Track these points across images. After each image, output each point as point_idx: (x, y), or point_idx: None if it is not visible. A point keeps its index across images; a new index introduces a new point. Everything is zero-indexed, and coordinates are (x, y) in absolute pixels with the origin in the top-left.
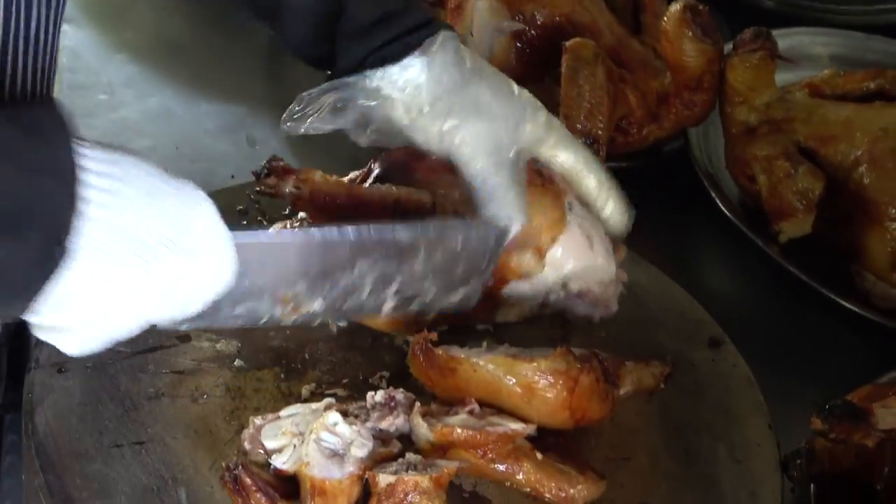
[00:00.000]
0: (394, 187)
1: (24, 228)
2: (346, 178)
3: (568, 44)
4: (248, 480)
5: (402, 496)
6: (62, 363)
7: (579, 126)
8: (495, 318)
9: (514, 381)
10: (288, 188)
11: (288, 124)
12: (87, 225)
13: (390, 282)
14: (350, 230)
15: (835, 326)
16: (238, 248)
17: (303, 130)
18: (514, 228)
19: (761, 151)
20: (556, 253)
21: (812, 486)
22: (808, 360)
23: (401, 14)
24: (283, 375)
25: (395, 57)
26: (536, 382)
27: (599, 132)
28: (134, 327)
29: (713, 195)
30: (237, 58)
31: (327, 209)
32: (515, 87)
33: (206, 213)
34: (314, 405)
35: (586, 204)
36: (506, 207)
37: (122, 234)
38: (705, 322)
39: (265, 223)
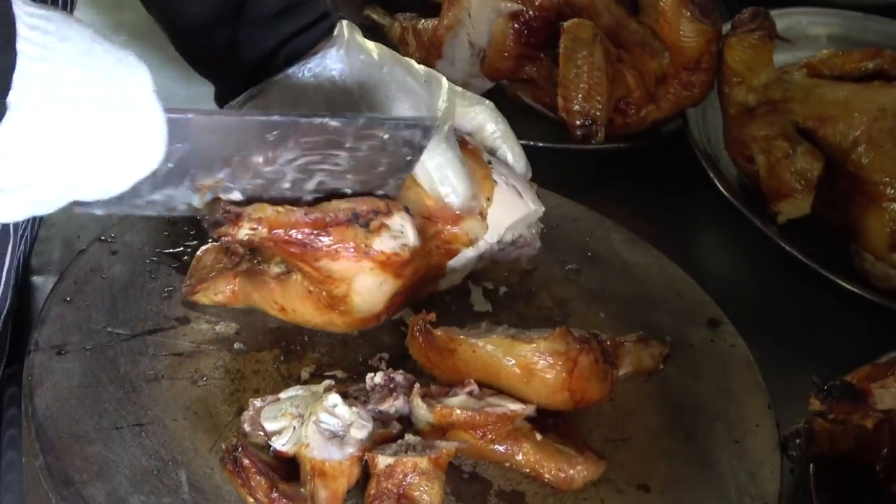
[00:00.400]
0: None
1: None
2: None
3: (566, 24)
4: (247, 462)
5: (401, 477)
6: (62, 346)
7: (577, 107)
8: (440, 287)
9: (513, 361)
10: (243, 233)
11: None
12: (22, 80)
13: (313, 174)
14: (283, 114)
15: (833, 307)
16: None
17: None
18: (465, 200)
19: (760, 132)
20: (493, 211)
21: (811, 466)
22: (806, 341)
23: (306, 3)
24: (282, 357)
25: (305, 48)
26: (535, 363)
27: (598, 113)
28: (59, 198)
29: (711, 176)
30: None
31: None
32: (415, 63)
33: (141, 79)
34: (314, 387)
35: (493, 154)
36: (455, 181)
37: (58, 91)
38: (704, 302)
39: None
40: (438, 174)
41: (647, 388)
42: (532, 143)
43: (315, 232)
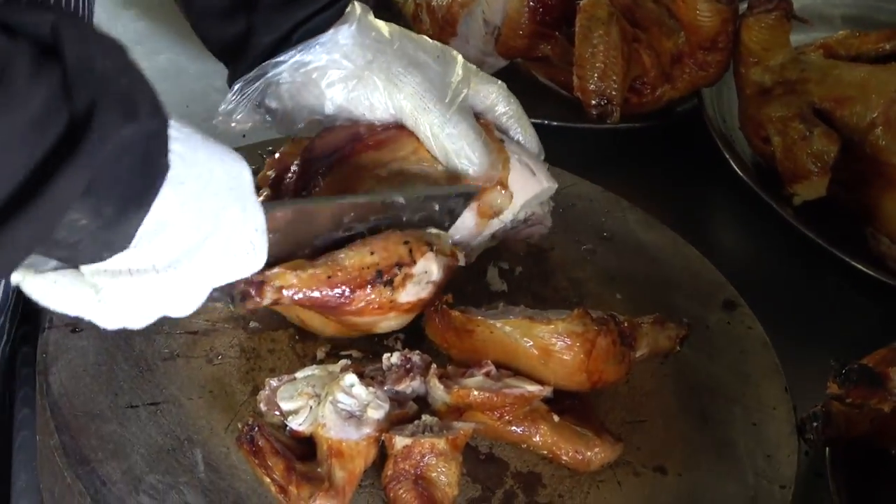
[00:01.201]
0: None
1: (138, 117)
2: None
3: (582, 3)
4: (263, 442)
5: (418, 458)
6: (76, 323)
7: (592, 86)
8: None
9: (531, 343)
10: (267, 301)
11: (219, 119)
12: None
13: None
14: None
15: (849, 289)
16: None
17: (233, 125)
18: (483, 171)
19: (776, 113)
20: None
21: (827, 449)
22: (821, 324)
23: None
24: (297, 337)
25: (319, 30)
26: (553, 344)
27: (613, 92)
28: (195, 287)
29: (727, 156)
30: None
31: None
32: (428, 38)
33: (248, 177)
34: (330, 367)
35: (505, 135)
36: (470, 152)
37: (194, 172)
38: (720, 284)
39: None
40: (453, 146)
41: (664, 370)
42: (546, 122)
43: (338, 295)
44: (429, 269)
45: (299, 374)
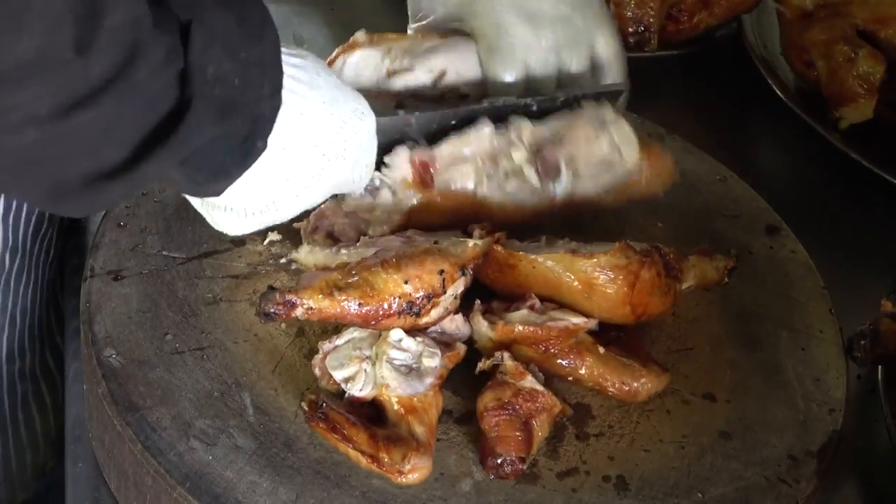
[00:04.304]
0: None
1: (233, 117)
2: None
3: None
4: (336, 416)
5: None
6: (118, 271)
7: (630, 14)
8: None
9: (574, 277)
10: (298, 314)
11: None
12: (278, 123)
13: None
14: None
15: (895, 212)
16: None
17: None
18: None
19: (819, 36)
20: None
21: (879, 368)
22: (867, 247)
23: None
24: None
25: None
26: (596, 278)
27: (651, 20)
28: (292, 216)
29: (770, 82)
30: None
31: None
32: None
33: (369, 126)
34: None
35: None
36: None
37: (304, 137)
38: (762, 209)
39: None
40: None
41: (709, 297)
42: None
43: (364, 319)
44: (455, 290)
45: (339, 341)
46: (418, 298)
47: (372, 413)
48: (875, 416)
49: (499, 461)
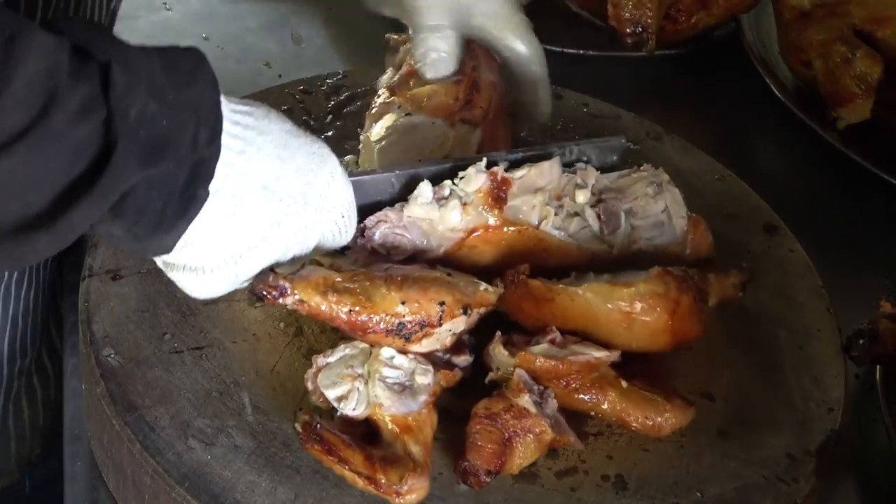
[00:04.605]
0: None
1: (164, 160)
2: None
3: None
4: (331, 436)
5: (516, 422)
6: (116, 270)
7: (627, 14)
8: None
9: (613, 307)
10: (289, 303)
11: None
12: (224, 170)
13: None
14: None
15: (893, 212)
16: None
17: None
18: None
19: (817, 36)
20: None
21: (878, 368)
22: (864, 246)
23: None
24: None
25: None
26: (636, 308)
27: (649, 20)
28: (257, 271)
29: (768, 82)
30: None
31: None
32: None
33: (332, 169)
34: (361, 344)
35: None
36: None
37: (256, 183)
38: (760, 208)
39: (311, 121)
40: None
41: None
42: (582, 51)
43: (352, 328)
44: (454, 327)
45: (331, 358)
46: (409, 322)
47: (365, 431)
48: (873, 416)
49: (464, 466)
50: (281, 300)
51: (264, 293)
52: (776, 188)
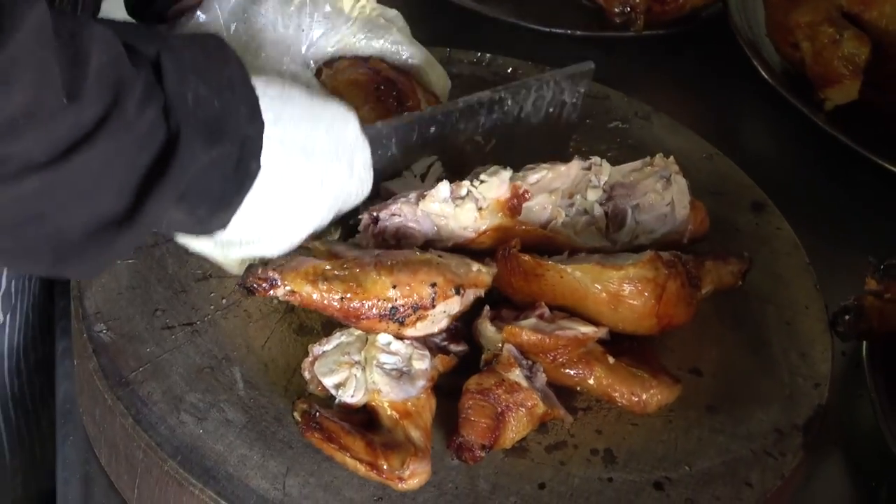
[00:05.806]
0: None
1: (222, 140)
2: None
3: None
4: (331, 424)
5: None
6: None
7: None
8: None
9: (601, 288)
10: (281, 294)
11: None
12: (264, 141)
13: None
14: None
15: (881, 191)
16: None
17: None
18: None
19: (804, 18)
20: None
21: (864, 344)
22: (851, 225)
23: None
24: None
25: None
26: (623, 290)
27: (637, 1)
28: (307, 234)
29: (755, 63)
30: None
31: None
32: None
33: (354, 124)
34: (356, 330)
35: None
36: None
37: (294, 148)
38: (747, 186)
39: None
40: None
41: None
42: (570, 31)
43: (345, 316)
44: (448, 308)
45: (328, 346)
46: (402, 306)
47: (364, 418)
48: (859, 391)
49: (459, 442)
50: (272, 292)
51: (255, 286)
52: (764, 167)
